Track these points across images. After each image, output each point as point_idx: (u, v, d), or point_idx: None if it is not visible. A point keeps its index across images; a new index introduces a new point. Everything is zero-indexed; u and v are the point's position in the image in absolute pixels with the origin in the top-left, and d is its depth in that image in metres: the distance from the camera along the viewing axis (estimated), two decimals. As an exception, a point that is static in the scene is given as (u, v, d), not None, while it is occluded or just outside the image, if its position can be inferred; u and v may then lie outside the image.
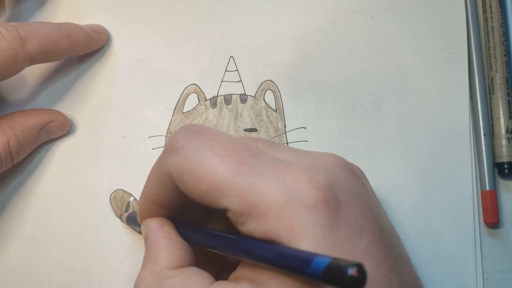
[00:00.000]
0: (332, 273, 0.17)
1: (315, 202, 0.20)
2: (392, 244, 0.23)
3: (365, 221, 0.21)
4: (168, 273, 0.23)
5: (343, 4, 0.35)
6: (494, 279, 0.31)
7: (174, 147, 0.22)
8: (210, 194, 0.21)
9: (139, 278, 0.23)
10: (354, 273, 0.16)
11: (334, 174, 0.22)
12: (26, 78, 0.35)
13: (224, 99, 0.34)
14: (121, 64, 0.35)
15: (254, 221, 0.20)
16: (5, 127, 0.31)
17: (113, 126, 0.34)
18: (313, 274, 0.17)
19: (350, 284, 0.16)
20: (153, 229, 0.25)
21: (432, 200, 0.32)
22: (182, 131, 0.23)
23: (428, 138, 0.33)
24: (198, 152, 0.21)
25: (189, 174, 0.21)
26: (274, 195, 0.20)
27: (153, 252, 0.24)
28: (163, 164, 0.23)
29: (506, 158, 0.32)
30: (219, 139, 0.22)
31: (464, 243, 0.31)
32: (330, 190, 0.21)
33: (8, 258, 0.33)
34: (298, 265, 0.18)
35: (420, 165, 0.33)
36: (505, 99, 0.33)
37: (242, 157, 0.21)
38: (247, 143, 0.22)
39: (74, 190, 0.33)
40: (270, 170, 0.21)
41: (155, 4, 0.36)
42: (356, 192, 0.22)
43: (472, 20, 0.34)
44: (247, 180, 0.20)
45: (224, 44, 0.35)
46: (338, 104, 0.34)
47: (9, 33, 0.29)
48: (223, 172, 0.21)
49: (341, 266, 0.16)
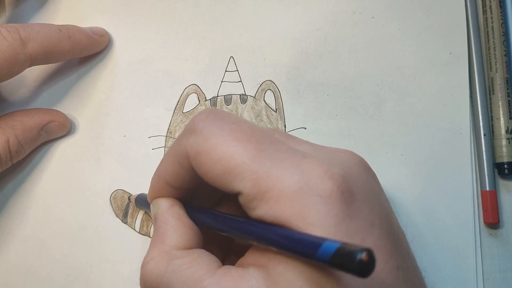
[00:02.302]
0: (341, 258, 0.17)
1: (330, 192, 0.20)
2: (400, 242, 0.23)
3: (376, 216, 0.21)
4: (176, 253, 0.23)
5: (343, 4, 0.35)
6: (494, 279, 0.31)
7: (194, 128, 0.22)
8: (225, 177, 0.21)
9: (147, 257, 0.23)
10: (364, 257, 0.16)
11: (349, 168, 0.22)
12: (26, 78, 0.36)
13: (224, 99, 0.34)
14: (121, 64, 0.35)
15: (266, 206, 0.20)
16: (5, 126, 0.31)
17: (113, 126, 0.34)
18: (321, 257, 0.17)
19: (358, 269, 0.16)
20: (163, 208, 0.25)
21: (432, 200, 0.32)
22: (203, 114, 0.23)
23: (428, 138, 0.33)
24: (217, 134, 0.22)
25: (206, 155, 0.21)
26: (289, 182, 0.20)
27: (162, 232, 0.24)
28: (181, 144, 0.23)
29: (506, 158, 0.32)
30: (238, 124, 0.22)
31: (464, 243, 0.31)
32: (345, 182, 0.21)
33: (8, 258, 0.33)
34: (306, 248, 0.18)
35: (420, 165, 0.33)
36: (505, 99, 0.33)
37: (259, 143, 0.21)
38: (265, 131, 0.23)
39: (74, 190, 0.34)
40: (286, 158, 0.21)
41: (155, 4, 0.36)
42: (369, 188, 0.22)
43: (472, 20, 0.34)
44: (263, 165, 0.21)
45: (224, 44, 0.35)
46: (338, 104, 0.34)
47: (10, 34, 0.29)
48: (240, 155, 0.21)
49: (351, 250, 0.16)
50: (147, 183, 0.33)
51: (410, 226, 0.31)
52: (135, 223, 0.33)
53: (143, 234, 0.33)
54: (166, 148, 0.34)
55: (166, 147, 0.34)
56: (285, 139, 0.24)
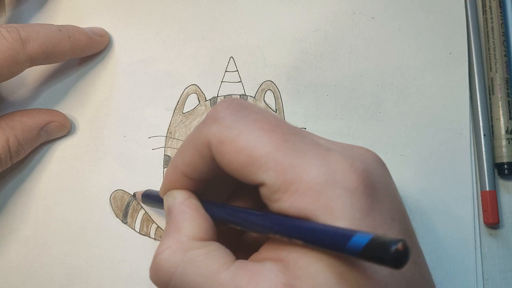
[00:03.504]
0: (374, 249, 0.16)
1: (356, 185, 0.20)
2: (414, 237, 0.23)
3: (395, 211, 0.21)
4: (193, 243, 0.22)
5: (343, 4, 0.35)
6: (494, 279, 0.31)
7: (216, 116, 0.22)
8: (249, 166, 0.21)
9: (162, 246, 0.22)
10: (400, 247, 0.16)
11: (369, 164, 0.22)
12: (26, 78, 0.36)
13: (224, 100, 0.34)
14: (121, 64, 0.35)
15: (291, 198, 0.20)
16: (5, 126, 0.31)
17: (113, 127, 0.34)
18: (351, 250, 0.17)
19: (393, 260, 0.16)
20: (180, 199, 0.24)
21: (432, 200, 0.32)
22: (225, 102, 0.22)
23: (428, 138, 0.33)
24: (242, 123, 0.21)
25: (229, 144, 0.21)
26: (315, 174, 0.20)
27: (179, 222, 0.23)
28: (202, 132, 0.22)
29: (506, 159, 0.32)
30: (262, 114, 0.22)
31: (464, 243, 0.31)
32: (369, 176, 0.21)
33: (8, 258, 0.33)
34: (336, 241, 0.18)
35: (420, 165, 0.33)
36: (505, 99, 0.33)
37: (285, 134, 0.21)
38: (288, 123, 0.22)
39: (74, 190, 0.34)
40: (311, 150, 0.21)
41: (155, 4, 0.36)
42: (388, 183, 0.22)
43: (472, 20, 0.34)
44: (288, 156, 0.20)
45: (224, 44, 0.35)
46: (338, 104, 0.34)
47: (10, 34, 0.29)
48: (265, 145, 0.20)
49: (385, 241, 0.16)
50: (147, 183, 0.33)
51: (410, 226, 0.32)
52: (135, 223, 0.33)
53: (143, 234, 0.33)
54: (166, 148, 0.34)
55: (166, 147, 0.34)
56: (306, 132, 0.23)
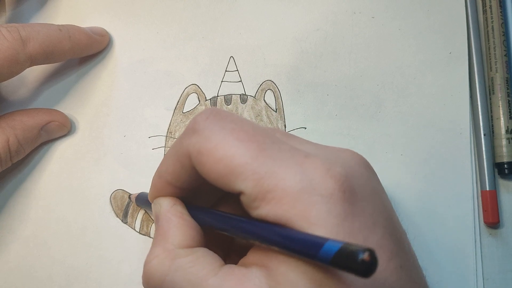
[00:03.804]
0: (343, 258, 0.17)
1: (332, 192, 0.20)
2: (402, 241, 0.23)
3: (378, 215, 0.21)
4: (180, 251, 0.23)
5: (343, 4, 0.35)
6: (494, 279, 0.31)
7: (195, 128, 0.22)
8: (227, 176, 0.21)
9: (150, 255, 0.23)
10: (366, 257, 0.16)
11: (351, 167, 0.22)
12: (27, 78, 0.36)
13: (224, 99, 0.34)
14: (121, 64, 0.35)
15: (268, 205, 0.20)
16: (5, 126, 0.31)
17: (113, 126, 0.34)
18: (322, 257, 0.17)
19: (360, 269, 0.16)
20: (165, 207, 0.25)
21: (432, 200, 0.32)
22: (204, 114, 0.23)
23: (428, 138, 0.33)
24: (219, 134, 0.22)
25: (208, 155, 0.21)
26: (291, 181, 0.20)
27: (165, 230, 0.24)
28: (182, 144, 0.23)
29: (506, 158, 0.32)
30: (240, 124, 0.22)
31: (464, 243, 0.31)
32: (347, 181, 0.21)
33: (8, 258, 0.33)
34: (308, 248, 0.18)
35: (420, 165, 0.33)
36: (505, 99, 0.33)
37: (261, 143, 0.21)
38: (267, 131, 0.23)
39: (74, 190, 0.34)
40: (288, 158, 0.21)
41: (155, 4, 0.36)
42: (372, 187, 0.22)
43: (472, 20, 0.34)
44: (265, 165, 0.21)
45: (224, 44, 0.35)
46: (338, 104, 0.34)
47: (10, 34, 0.29)
48: (241, 155, 0.21)
49: (353, 250, 0.16)
50: (147, 183, 0.33)
51: (410, 226, 0.31)
52: (135, 223, 0.33)
53: (143, 234, 0.33)
54: (166, 148, 0.34)
55: (166, 147, 0.34)
56: (286, 138, 0.24)
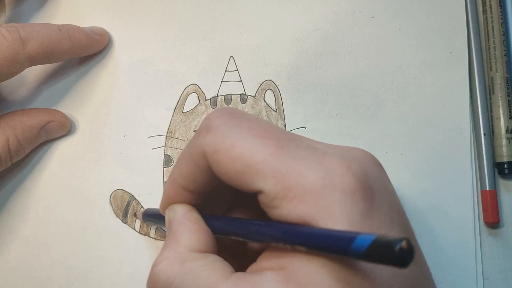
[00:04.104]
0: (379, 249, 0.16)
1: (354, 188, 0.20)
2: (415, 238, 0.23)
3: (394, 212, 0.21)
4: (191, 255, 0.22)
5: (343, 4, 0.35)
6: (494, 279, 0.31)
7: (210, 126, 0.22)
8: (245, 175, 0.20)
9: (160, 257, 0.22)
10: (404, 245, 0.16)
11: (366, 165, 0.22)
12: (26, 78, 0.35)
13: (224, 99, 0.34)
14: (121, 64, 0.35)
15: (290, 204, 0.20)
16: (4, 126, 0.31)
17: (113, 126, 0.34)
18: (355, 252, 0.17)
19: (399, 259, 0.16)
20: (181, 213, 0.24)
21: (432, 200, 0.32)
22: (218, 112, 0.22)
23: (428, 138, 0.33)
24: (236, 131, 0.21)
25: (225, 153, 0.21)
26: (313, 178, 0.20)
27: (178, 234, 0.23)
28: (197, 143, 0.22)
29: (506, 158, 0.32)
30: (256, 121, 0.22)
31: (464, 243, 0.31)
32: (366, 179, 0.21)
33: (8, 258, 0.33)
34: (340, 244, 0.18)
35: (420, 165, 0.33)
36: (505, 99, 0.33)
37: (280, 140, 0.21)
38: (283, 129, 0.22)
39: (74, 190, 0.34)
40: (307, 155, 0.21)
41: (155, 4, 0.36)
42: (385, 185, 0.22)
43: (472, 20, 0.34)
44: (285, 162, 0.20)
45: (224, 44, 0.35)
46: (338, 104, 0.34)
47: (10, 34, 0.29)
48: (260, 152, 0.20)
49: (389, 240, 0.16)
50: (147, 183, 0.33)
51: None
52: (135, 223, 0.33)
53: (143, 234, 0.33)
54: (166, 148, 0.34)
55: (166, 146, 0.34)
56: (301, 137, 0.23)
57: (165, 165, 0.34)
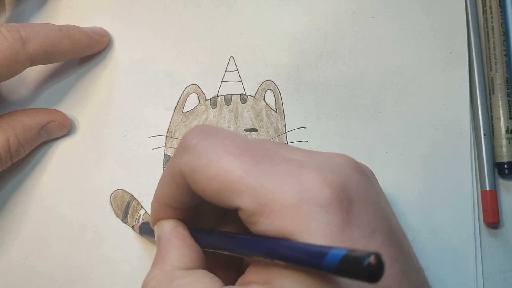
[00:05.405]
0: (349, 264, 0.16)
1: (330, 201, 0.20)
2: (402, 245, 0.23)
3: (377, 221, 0.21)
4: (178, 273, 0.22)
5: (343, 4, 0.35)
6: (494, 279, 0.31)
7: (187, 146, 0.22)
8: (222, 193, 0.21)
9: (148, 276, 0.23)
10: (372, 261, 0.15)
11: (345, 174, 0.22)
12: (27, 78, 0.36)
13: (224, 99, 0.34)
14: (121, 64, 0.35)
15: (267, 220, 0.20)
16: (5, 125, 0.31)
17: (113, 126, 0.34)
18: (328, 267, 0.17)
19: (368, 274, 0.16)
20: (167, 229, 0.25)
21: (432, 200, 0.32)
22: (194, 131, 0.23)
23: (428, 138, 0.33)
24: (211, 150, 0.21)
25: (201, 172, 0.21)
26: (288, 194, 0.20)
27: (165, 252, 0.24)
28: (175, 163, 0.23)
29: (506, 158, 0.32)
30: (231, 139, 0.22)
31: (464, 243, 0.31)
32: (343, 189, 0.20)
33: (9, 258, 0.33)
34: (313, 258, 0.18)
35: (420, 165, 0.33)
36: (505, 99, 0.33)
37: (254, 156, 0.21)
38: (258, 143, 0.23)
39: (75, 190, 0.34)
40: (282, 169, 0.21)
41: (155, 4, 0.36)
42: (367, 192, 0.22)
43: (472, 20, 0.34)
44: (260, 179, 0.20)
45: (224, 44, 0.35)
46: (338, 104, 0.34)
47: (10, 34, 0.29)
48: (235, 170, 0.20)
49: (358, 256, 0.16)
50: (147, 183, 0.33)
51: (410, 226, 0.31)
52: (135, 223, 0.33)
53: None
54: (166, 148, 0.34)
55: (166, 147, 0.34)
56: (278, 149, 0.23)
57: (165, 165, 0.34)
